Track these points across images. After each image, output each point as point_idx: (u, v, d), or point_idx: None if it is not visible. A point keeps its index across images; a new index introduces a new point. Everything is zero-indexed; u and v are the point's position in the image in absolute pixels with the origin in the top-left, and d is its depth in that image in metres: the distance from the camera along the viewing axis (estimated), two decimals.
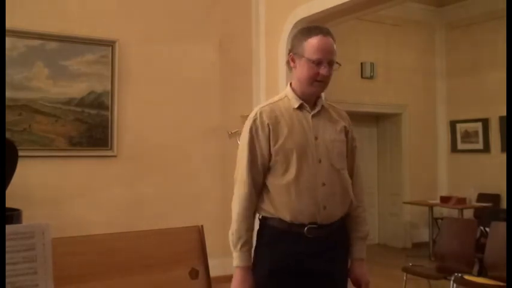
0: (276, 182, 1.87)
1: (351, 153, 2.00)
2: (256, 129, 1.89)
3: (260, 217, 1.95)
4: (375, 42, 7.34)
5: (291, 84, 1.98)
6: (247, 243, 1.87)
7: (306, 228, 1.83)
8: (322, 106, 1.95)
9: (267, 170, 1.90)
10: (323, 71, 1.85)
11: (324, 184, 1.85)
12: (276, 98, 1.99)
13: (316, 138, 1.88)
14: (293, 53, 1.92)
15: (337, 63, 1.89)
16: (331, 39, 1.88)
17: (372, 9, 4.68)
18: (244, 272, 1.86)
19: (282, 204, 1.85)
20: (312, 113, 1.92)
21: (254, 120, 1.90)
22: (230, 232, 1.90)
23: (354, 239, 1.98)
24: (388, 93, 7.43)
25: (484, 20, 7.17)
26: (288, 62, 1.98)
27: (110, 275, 1.56)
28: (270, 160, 1.88)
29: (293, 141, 1.86)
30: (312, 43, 1.85)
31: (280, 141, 1.86)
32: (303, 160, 1.85)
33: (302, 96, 1.92)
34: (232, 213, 1.91)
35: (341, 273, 1.94)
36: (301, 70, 1.89)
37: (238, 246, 1.86)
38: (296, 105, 1.91)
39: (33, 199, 4.25)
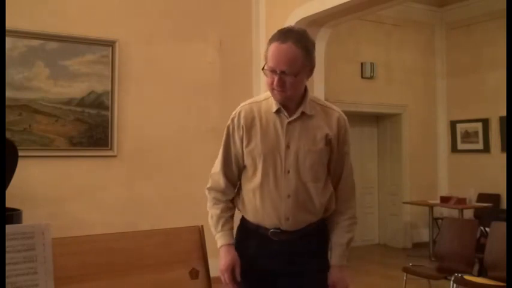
0: (246, 185, 1.90)
1: (336, 159, 1.90)
2: (233, 129, 1.90)
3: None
4: (375, 42, 7.34)
5: None
6: (226, 223, 1.93)
7: (270, 232, 1.85)
8: (303, 112, 1.83)
9: (242, 168, 1.92)
10: (274, 79, 1.76)
11: (289, 196, 1.81)
12: (262, 97, 1.92)
13: (288, 147, 1.81)
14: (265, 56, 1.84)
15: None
16: (289, 47, 1.73)
17: (372, 9, 4.68)
18: (226, 248, 1.90)
19: (248, 207, 1.89)
20: (289, 120, 1.83)
21: (232, 119, 1.91)
22: (209, 217, 1.95)
23: (333, 244, 1.94)
24: (388, 93, 7.43)
25: (484, 20, 7.17)
26: None
27: (110, 275, 1.56)
28: (243, 160, 1.89)
29: (263, 147, 1.82)
30: (270, 50, 1.78)
31: (250, 145, 1.85)
32: (269, 168, 1.82)
33: (281, 102, 1.83)
34: (207, 202, 1.98)
35: (311, 276, 1.88)
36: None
37: (219, 227, 1.92)
38: (274, 109, 1.84)
39: (33, 199, 4.25)
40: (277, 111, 1.84)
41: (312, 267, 1.88)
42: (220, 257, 1.90)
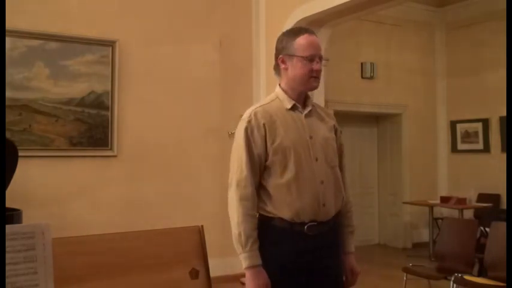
0: (276, 182, 1.88)
1: (339, 150, 2.06)
2: (252, 130, 1.90)
3: (259, 217, 1.95)
4: (375, 43, 7.34)
5: (280, 85, 2.01)
6: (255, 242, 1.85)
7: (306, 227, 1.87)
8: (312, 106, 2.01)
9: (263, 170, 1.91)
10: (316, 66, 1.92)
11: (322, 182, 1.90)
12: (267, 100, 2.01)
13: (310, 137, 1.93)
14: (283, 55, 1.96)
15: (325, 59, 2.00)
16: (316, 37, 1.97)
17: (372, 9, 4.68)
18: (259, 269, 1.84)
19: (283, 203, 1.87)
20: (304, 113, 1.97)
21: (249, 121, 1.91)
22: (236, 234, 1.85)
23: (346, 233, 2.05)
24: (388, 93, 7.43)
25: (484, 20, 7.17)
26: (276, 67, 2.02)
27: (110, 275, 1.56)
28: (266, 160, 1.89)
29: (290, 140, 1.89)
30: (301, 42, 1.92)
31: (278, 140, 1.89)
32: (301, 158, 1.89)
33: (294, 97, 1.97)
34: (234, 215, 1.86)
35: (338, 267, 2.00)
36: (295, 69, 1.94)
37: (248, 247, 1.83)
38: (289, 106, 1.95)
39: (33, 199, 4.25)
40: (292, 108, 1.96)
41: (337, 259, 1.99)
42: (249, 279, 1.83)
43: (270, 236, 1.90)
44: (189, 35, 5.25)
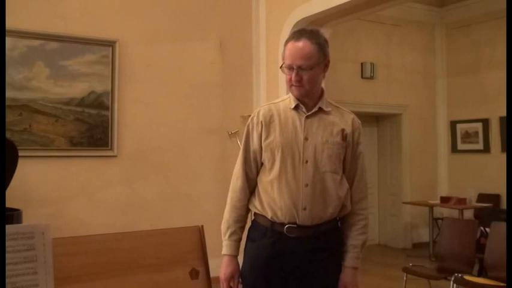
0: (264, 178, 1.95)
1: (351, 158, 1.96)
2: (252, 127, 1.99)
3: (252, 213, 2.02)
4: (375, 43, 7.34)
5: None
6: (234, 233, 1.97)
7: (285, 228, 1.87)
8: (320, 108, 1.94)
9: (260, 166, 1.98)
10: (292, 75, 1.88)
11: (306, 185, 1.86)
12: (279, 99, 2.06)
13: (306, 139, 1.90)
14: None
15: (320, 65, 1.91)
16: (304, 43, 1.86)
17: (372, 9, 4.68)
18: (229, 258, 1.95)
19: (266, 201, 1.92)
20: (307, 114, 1.93)
21: (252, 118, 2.01)
22: (222, 221, 2.01)
23: (349, 246, 1.94)
24: (388, 93, 7.43)
25: (484, 20, 7.17)
26: None
27: (110, 275, 1.56)
28: (261, 156, 1.97)
29: (281, 139, 1.91)
30: (286, 49, 1.92)
31: (269, 139, 1.93)
32: (288, 159, 1.89)
33: (300, 98, 1.96)
34: (226, 204, 2.02)
35: (324, 276, 1.90)
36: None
37: (226, 236, 1.97)
38: (292, 106, 1.96)
39: (33, 199, 4.25)
40: (296, 108, 1.95)
41: (325, 268, 1.91)
42: (222, 266, 1.95)
43: (252, 231, 1.99)
44: (189, 35, 5.25)
